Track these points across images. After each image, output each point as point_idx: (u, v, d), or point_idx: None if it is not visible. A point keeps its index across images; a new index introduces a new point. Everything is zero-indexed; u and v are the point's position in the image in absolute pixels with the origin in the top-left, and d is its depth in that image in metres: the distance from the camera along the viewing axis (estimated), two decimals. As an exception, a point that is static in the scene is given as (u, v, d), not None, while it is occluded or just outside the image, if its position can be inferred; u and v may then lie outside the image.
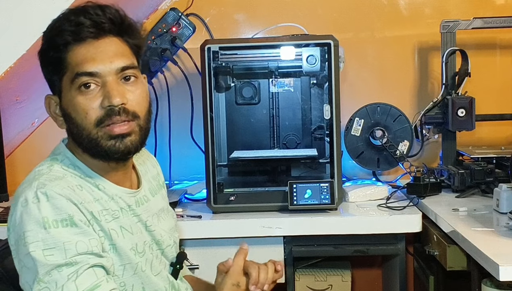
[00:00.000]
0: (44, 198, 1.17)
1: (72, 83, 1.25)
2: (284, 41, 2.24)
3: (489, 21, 2.45)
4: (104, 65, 1.25)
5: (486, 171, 2.21)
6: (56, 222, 1.16)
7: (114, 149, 1.27)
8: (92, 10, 1.26)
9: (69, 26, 1.25)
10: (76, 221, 1.18)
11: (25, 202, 1.18)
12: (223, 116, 2.44)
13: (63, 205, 1.18)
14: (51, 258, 1.14)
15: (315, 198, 2.11)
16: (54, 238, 1.15)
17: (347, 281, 2.32)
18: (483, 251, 1.56)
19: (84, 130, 1.26)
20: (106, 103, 1.24)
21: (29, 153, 2.77)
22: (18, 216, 1.18)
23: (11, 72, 2.11)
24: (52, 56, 1.27)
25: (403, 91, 2.77)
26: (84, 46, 1.25)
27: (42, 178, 1.22)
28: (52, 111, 1.32)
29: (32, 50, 2.07)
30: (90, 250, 1.18)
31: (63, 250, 1.15)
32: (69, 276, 1.14)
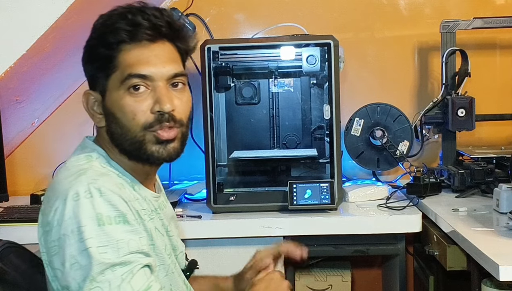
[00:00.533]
0: (97, 193, 1.14)
1: (122, 84, 1.23)
2: (284, 41, 2.24)
3: (489, 21, 2.45)
4: (157, 69, 1.24)
5: (486, 171, 2.21)
6: (109, 219, 1.13)
7: (158, 155, 1.26)
8: (150, 11, 1.24)
9: (125, 25, 1.22)
10: (129, 219, 1.16)
11: (76, 196, 1.14)
12: (223, 116, 2.44)
13: (116, 201, 1.16)
14: (105, 255, 1.11)
15: (315, 198, 2.11)
16: (107, 235, 1.12)
17: (347, 281, 2.33)
18: (483, 251, 1.56)
19: (129, 132, 1.24)
20: (156, 108, 1.23)
21: (29, 153, 2.78)
22: (69, 210, 1.13)
23: (11, 72, 2.11)
24: (101, 53, 1.24)
25: (403, 91, 2.78)
26: (139, 47, 1.23)
27: (89, 173, 1.19)
28: (90, 108, 1.29)
29: (32, 50, 2.07)
30: (140, 249, 1.16)
31: (116, 248, 1.12)
32: (123, 277, 1.11)
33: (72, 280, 1.12)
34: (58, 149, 2.76)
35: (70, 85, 2.70)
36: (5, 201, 2.35)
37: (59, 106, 2.77)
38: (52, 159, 2.74)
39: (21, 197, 2.55)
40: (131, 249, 1.14)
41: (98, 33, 1.25)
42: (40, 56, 2.19)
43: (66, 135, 2.75)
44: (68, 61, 2.46)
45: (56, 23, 2.04)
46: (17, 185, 2.71)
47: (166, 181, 2.66)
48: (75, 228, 1.12)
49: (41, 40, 2.06)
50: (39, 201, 2.42)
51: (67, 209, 1.14)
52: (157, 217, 1.34)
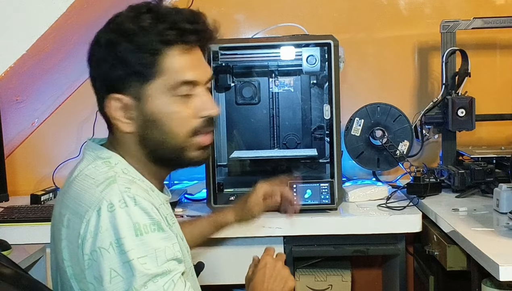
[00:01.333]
0: (132, 203, 1.12)
1: (171, 90, 1.19)
2: (284, 41, 2.24)
3: (489, 21, 2.45)
4: (203, 74, 1.24)
5: (486, 171, 2.21)
6: (146, 227, 1.11)
7: (197, 160, 1.26)
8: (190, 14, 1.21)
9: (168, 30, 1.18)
10: (163, 225, 1.14)
11: (111, 206, 1.11)
12: (223, 116, 2.44)
13: (149, 209, 1.13)
14: (146, 266, 1.09)
15: (315, 198, 2.11)
16: (146, 245, 1.10)
17: (347, 281, 2.32)
18: (483, 251, 1.56)
19: (173, 139, 1.21)
20: (205, 113, 1.23)
21: (29, 153, 2.78)
22: (104, 222, 1.10)
23: (11, 72, 2.11)
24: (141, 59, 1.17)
25: (403, 91, 2.78)
26: (183, 52, 1.20)
27: (119, 181, 1.15)
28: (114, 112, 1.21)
29: (32, 50, 2.07)
30: (175, 256, 1.14)
31: (154, 258, 1.10)
32: (165, 287, 1.10)
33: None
34: (58, 149, 2.76)
35: (70, 85, 2.70)
36: (5, 201, 2.35)
37: (59, 106, 2.77)
38: (52, 159, 2.74)
39: (21, 197, 2.56)
40: (168, 256, 1.12)
41: (132, 36, 1.17)
42: (40, 56, 2.19)
43: (66, 135, 2.76)
44: (68, 61, 2.46)
45: (56, 23, 2.04)
46: (17, 185, 2.71)
47: (166, 181, 2.64)
48: (114, 240, 1.09)
49: (41, 40, 2.06)
50: (39, 201, 2.43)
51: (102, 221, 1.10)
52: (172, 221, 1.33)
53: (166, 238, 1.14)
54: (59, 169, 2.72)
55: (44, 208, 2.28)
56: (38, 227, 2.10)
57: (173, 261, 1.13)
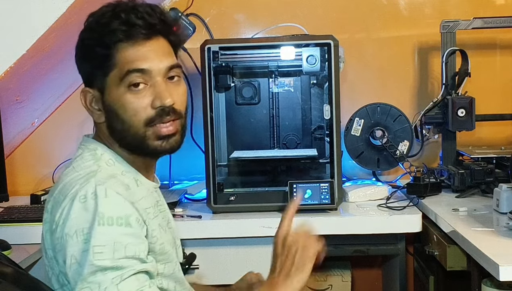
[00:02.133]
0: (102, 194, 1.17)
1: (122, 81, 1.25)
2: (284, 41, 2.24)
3: (489, 21, 2.45)
4: (155, 63, 1.27)
5: (486, 171, 2.21)
6: (111, 220, 1.15)
7: (161, 149, 1.30)
8: (143, 9, 1.27)
9: (119, 25, 1.25)
10: (131, 222, 1.18)
11: (84, 198, 1.17)
12: (223, 116, 2.44)
13: (120, 203, 1.18)
14: (99, 256, 1.13)
15: (315, 198, 2.11)
16: (106, 236, 1.14)
17: (347, 281, 2.33)
18: (483, 251, 1.56)
19: (131, 128, 1.27)
20: (157, 104, 1.26)
21: (29, 153, 2.78)
22: (75, 211, 1.16)
23: (11, 72, 2.11)
24: (99, 53, 1.26)
25: (403, 91, 2.78)
26: (135, 45, 1.26)
27: (98, 175, 1.22)
28: (89, 104, 1.32)
29: (32, 50, 2.07)
30: (137, 254, 1.17)
31: (112, 250, 1.14)
32: (113, 280, 1.13)
33: (71, 279, 1.15)
34: (58, 149, 2.76)
35: (70, 85, 2.70)
36: (5, 201, 2.35)
37: (59, 106, 2.77)
38: (52, 159, 2.74)
39: (21, 197, 2.56)
40: (127, 253, 1.15)
41: (93, 33, 1.28)
42: (40, 56, 2.19)
43: (66, 135, 2.75)
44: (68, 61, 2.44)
45: (56, 23, 2.04)
46: (17, 185, 2.71)
47: (166, 181, 2.66)
48: (80, 228, 1.15)
49: (41, 40, 2.06)
50: (39, 201, 2.42)
51: (73, 209, 1.17)
52: (159, 211, 1.36)
53: (131, 234, 1.17)
54: (59, 169, 2.72)
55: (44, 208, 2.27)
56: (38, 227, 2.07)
57: (132, 259, 1.16)
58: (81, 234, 1.14)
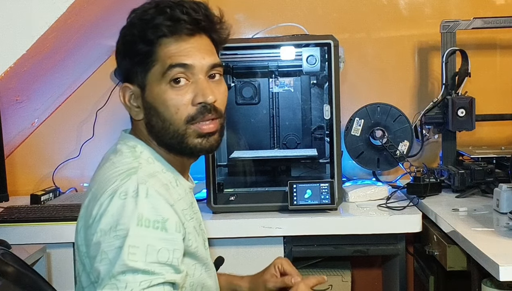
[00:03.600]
0: (143, 194, 1.14)
1: (163, 77, 1.24)
2: (284, 41, 2.24)
3: (489, 21, 2.45)
4: (197, 60, 1.25)
5: (486, 171, 2.21)
6: (148, 222, 1.12)
7: (200, 147, 1.27)
8: (188, 5, 1.25)
9: (164, 20, 1.23)
10: (168, 226, 1.14)
11: (124, 195, 1.14)
12: (223, 116, 2.44)
13: (160, 205, 1.15)
14: (132, 257, 1.10)
15: (315, 198, 2.11)
16: (141, 237, 1.11)
17: (347, 281, 2.32)
18: (483, 251, 1.56)
19: (171, 125, 1.25)
20: (199, 100, 1.24)
21: (29, 153, 2.78)
22: (113, 207, 1.14)
23: (11, 72, 2.11)
24: (141, 49, 1.24)
25: (403, 91, 2.78)
26: (178, 41, 1.25)
27: (140, 173, 1.19)
28: (127, 101, 1.29)
29: (32, 50, 2.07)
30: (169, 261, 1.13)
31: (145, 253, 1.11)
32: (141, 283, 1.10)
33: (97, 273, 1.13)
34: (58, 149, 2.77)
35: (70, 85, 2.70)
36: (5, 201, 2.35)
37: (59, 106, 2.77)
38: (52, 159, 2.75)
39: (21, 197, 2.56)
40: (160, 259, 1.12)
41: (136, 29, 1.25)
42: (40, 56, 2.19)
43: (66, 135, 2.76)
44: (68, 61, 2.46)
45: (56, 23, 2.04)
46: (17, 185, 2.71)
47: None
48: (114, 225, 1.12)
49: (41, 40, 2.06)
50: (39, 201, 2.43)
51: (111, 206, 1.14)
52: (193, 213, 1.34)
53: (167, 240, 1.14)
54: (59, 169, 2.72)
55: (44, 208, 2.28)
56: (38, 227, 2.10)
57: (165, 266, 1.13)
58: (116, 231, 1.12)
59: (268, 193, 2.21)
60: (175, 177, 1.29)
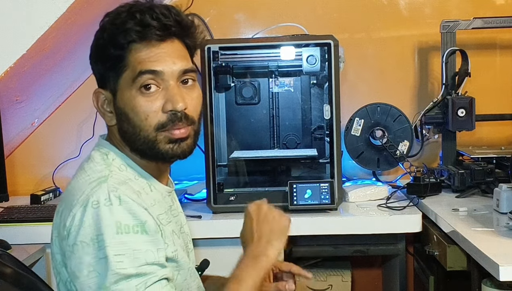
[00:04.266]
0: (117, 202, 1.14)
1: (133, 82, 1.22)
2: (284, 41, 2.24)
3: (489, 21, 2.45)
4: (168, 66, 1.23)
5: (486, 171, 2.21)
6: (128, 227, 1.12)
7: (172, 153, 1.26)
8: (158, 10, 1.23)
9: (134, 25, 1.21)
10: (147, 228, 1.15)
11: (96, 204, 1.13)
12: (223, 116, 2.44)
13: (136, 210, 1.15)
14: (121, 265, 1.10)
15: (315, 198, 2.11)
16: (125, 244, 1.11)
17: (347, 281, 2.33)
18: (483, 251, 1.56)
19: (141, 132, 1.23)
20: (168, 108, 1.22)
21: (29, 153, 2.78)
22: (88, 218, 1.12)
23: (11, 72, 2.11)
24: (112, 53, 1.23)
25: (403, 91, 2.78)
26: (149, 46, 1.22)
27: (110, 181, 1.18)
28: (100, 106, 1.28)
29: (32, 50, 2.07)
30: (157, 260, 1.14)
31: (132, 258, 1.11)
32: (137, 287, 1.10)
33: (88, 288, 1.12)
34: (58, 149, 2.76)
35: (70, 85, 2.70)
36: (5, 201, 2.35)
37: (59, 106, 2.77)
38: (52, 159, 2.74)
39: (21, 197, 2.56)
40: (148, 260, 1.13)
41: (107, 33, 1.23)
42: (40, 56, 2.19)
43: (66, 135, 2.76)
44: (68, 61, 2.46)
45: (56, 23, 2.04)
46: (17, 185, 2.71)
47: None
48: (94, 236, 1.11)
49: (41, 40, 2.06)
50: (39, 201, 2.43)
51: (86, 216, 1.13)
52: (172, 216, 1.33)
53: (150, 241, 1.14)
54: (59, 169, 2.72)
55: (44, 208, 2.28)
56: (38, 227, 2.10)
57: (153, 265, 1.13)
58: (97, 242, 1.11)
59: (268, 193, 2.21)
60: (148, 183, 1.28)
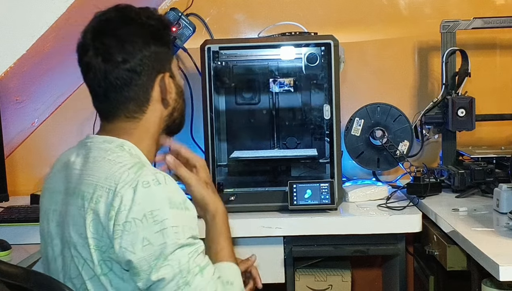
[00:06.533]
0: (163, 181, 1.24)
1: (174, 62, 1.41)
2: (284, 41, 2.24)
3: (489, 21, 2.45)
4: None
5: (486, 171, 2.21)
6: (177, 203, 1.25)
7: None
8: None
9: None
10: (188, 205, 1.28)
11: (147, 183, 1.22)
12: (223, 116, 2.44)
13: (178, 189, 1.27)
14: (177, 236, 1.22)
15: (315, 198, 2.11)
16: (177, 217, 1.23)
17: (347, 281, 2.32)
18: (483, 251, 1.56)
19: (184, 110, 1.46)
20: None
21: (29, 153, 2.78)
22: (139, 196, 1.21)
23: (11, 72, 2.11)
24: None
25: (403, 91, 2.78)
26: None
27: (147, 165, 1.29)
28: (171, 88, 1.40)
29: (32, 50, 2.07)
30: (196, 234, 1.29)
31: (183, 230, 1.24)
32: (189, 255, 1.24)
33: (144, 261, 1.21)
34: (58, 149, 2.74)
35: (70, 85, 2.70)
36: (5, 201, 2.35)
37: (59, 106, 2.77)
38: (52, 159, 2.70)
39: (21, 197, 2.56)
40: (193, 233, 1.27)
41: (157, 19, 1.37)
42: (40, 56, 2.19)
43: (66, 135, 2.75)
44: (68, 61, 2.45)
45: (56, 23, 2.04)
46: (17, 185, 2.71)
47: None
48: (148, 212, 1.21)
49: (41, 40, 2.06)
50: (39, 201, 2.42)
51: (137, 195, 1.21)
52: None
53: (192, 217, 1.29)
54: (59, 169, 2.72)
55: (44, 208, 2.27)
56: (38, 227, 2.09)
57: (196, 239, 1.28)
58: (151, 217, 1.21)
59: (268, 193, 2.21)
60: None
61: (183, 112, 1.45)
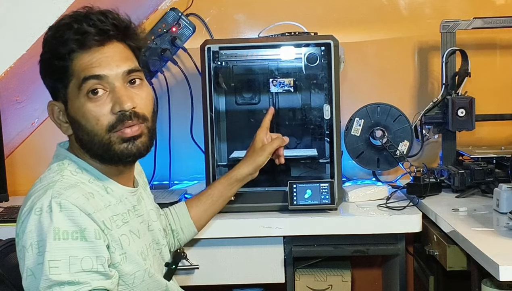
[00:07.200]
0: (57, 208, 1.17)
1: (80, 90, 1.26)
2: (284, 41, 2.24)
3: (489, 21, 2.45)
4: (111, 69, 1.26)
5: (486, 171, 2.21)
6: (66, 234, 1.16)
7: (127, 152, 1.29)
8: (95, 16, 1.26)
9: (73, 35, 1.25)
10: (87, 235, 1.18)
11: (39, 210, 1.18)
12: (223, 116, 2.44)
13: (76, 217, 1.18)
14: (55, 270, 1.13)
15: (315, 198, 2.11)
16: (61, 250, 1.14)
17: (347, 281, 2.32)
18: (483, 251, 1.56)
19: (96, 136, 1.27)
20: (117, 109, 1.25)
21: (29, 153, 2.77)
22: (30, 224, 1.17)
23: (11, 72, 2.11)
24: (56, 65, 1.28)
25: (403, 91, 2.77)
26: (89, 53, 1.26)
27: (56, 186, 1.22)
28: (56, 118, 1.33)
29: (32, 50, 2.07)
30: (95, 268, 1.17)
31: (67, 265, 1.14)
32: None
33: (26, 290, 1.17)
34: (58, 149, 2.76)
35: (70, 85, 2.69)
36: (5, 201, 2.35)
37: (59, 106, 2.76)
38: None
39: (21, 197, 2.50)
40: (84, 267, 1.16)
41: (49, 47, 1.29)
42: (40, 56, 2.19)
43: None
44: (68, 61, 2.45)
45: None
46: (17, 185, 2.71)
47: (166, 181, 2.66)
48: (35, 242, 1.16)
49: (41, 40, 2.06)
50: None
51: (29, 223, 1.18)
52: (135, 216, 1.35)
53: (88, 248, 1.17)
54: (59, 169, 2.72)
55: (44, 208, 2.27)
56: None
57: (91, 274, 1.16)
58: (36, 247, 1.15)
59: (268, 193, 2.21)
60: (104, 185, 1.30)
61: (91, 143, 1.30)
